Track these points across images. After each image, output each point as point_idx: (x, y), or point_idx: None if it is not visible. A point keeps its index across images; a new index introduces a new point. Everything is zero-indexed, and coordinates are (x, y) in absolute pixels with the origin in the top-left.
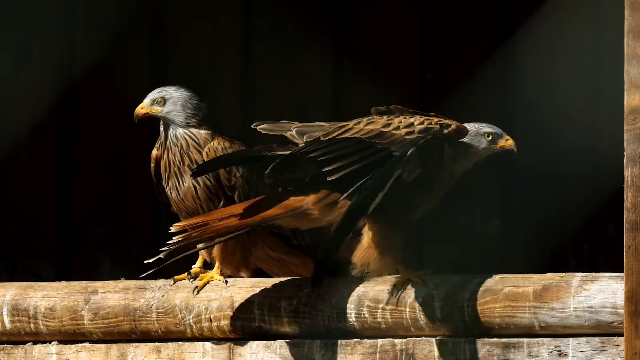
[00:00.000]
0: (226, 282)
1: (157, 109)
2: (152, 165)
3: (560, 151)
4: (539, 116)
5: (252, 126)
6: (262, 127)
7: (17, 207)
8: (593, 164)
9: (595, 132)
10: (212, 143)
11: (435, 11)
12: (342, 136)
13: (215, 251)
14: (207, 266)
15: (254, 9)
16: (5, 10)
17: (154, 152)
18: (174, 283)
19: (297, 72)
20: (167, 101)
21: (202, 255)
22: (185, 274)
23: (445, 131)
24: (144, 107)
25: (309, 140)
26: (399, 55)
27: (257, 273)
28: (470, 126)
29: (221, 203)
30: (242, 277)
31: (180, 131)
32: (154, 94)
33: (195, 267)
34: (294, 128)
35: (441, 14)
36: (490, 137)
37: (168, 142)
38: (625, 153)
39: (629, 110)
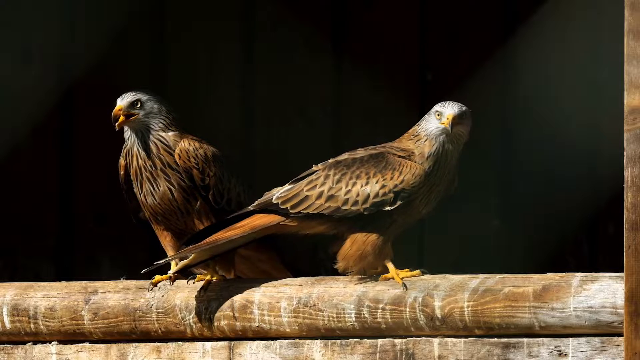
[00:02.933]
0: (225, 279)
1: (135, 112)
2: (122, 173)
3: (560, 151)
4: (539, 116)
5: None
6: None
7: (17, 206)
8: (593, 164)
9: (595, 132)
10: (182, 144)
11: (435, 11)
12: (305, 211)
13: None
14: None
15: (254, 9)
16: (5, 10)
17: (122, 161)
18: (155, 285)
19: (297, 72)
20: (143, 104)
21: (175, 262)
22: (166, 275)
23: (394, 205)
24: (122, 108)
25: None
26: (399, 55)
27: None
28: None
29: (198, 203)
30: (231, 277)
31: (148, 136)
32: (130, 97)
33: (172, 272)
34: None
35: (441, 14)
36: (439, 116)
37: (135, 149)
38: (625, 153)
39: (629, 110)
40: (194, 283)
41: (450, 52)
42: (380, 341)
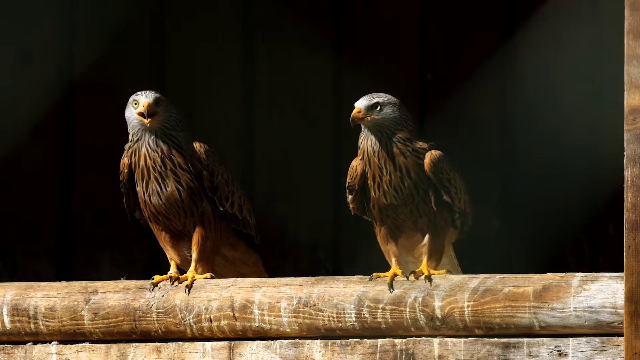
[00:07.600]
0: (212, 276)
1: (158, 110)
2: (125, 171)
3: (560, 151)
4: (539, 116)
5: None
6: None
7: (17, 207)
8: (593, 164)
9: (595, 132)
10: (194, 145)
11: (435, 11)
12: None
13: (195, 250)
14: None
15: (254, 8)
16: (5, 10)
17: (125, 160)
18: (156, 285)
19: (297, 72)
20: (162, 103)
21: (174, 261)
22: (167, 275)
23: (349, 199)
24: (150, 104)
25: None
26: (399, 56)
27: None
28: None
29: (203, 204)
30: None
31: (161, 135)
32: (153, 95)
33: (172, 272)
34: None
35: (441, 14)
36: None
37: (145, 149)
38: (625, 153)
39: (629, 110)
40: (175, 284)
41: (450, 52)
42: (380, 341)
